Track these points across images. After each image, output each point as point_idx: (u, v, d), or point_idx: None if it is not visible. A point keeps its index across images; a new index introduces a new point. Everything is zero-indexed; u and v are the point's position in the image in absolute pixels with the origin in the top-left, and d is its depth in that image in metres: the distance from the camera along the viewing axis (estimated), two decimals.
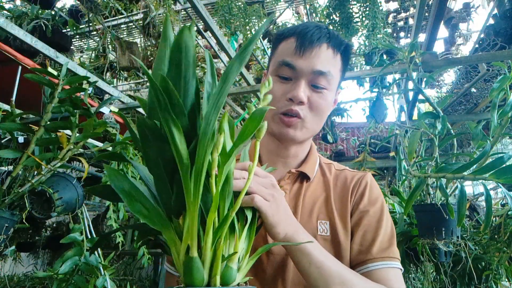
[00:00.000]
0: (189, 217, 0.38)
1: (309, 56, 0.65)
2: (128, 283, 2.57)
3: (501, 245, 1.51)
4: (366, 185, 0.73)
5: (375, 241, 0.66)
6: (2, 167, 1.55)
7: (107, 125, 1.41)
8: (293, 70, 0.66)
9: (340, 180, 0.75)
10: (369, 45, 3.14)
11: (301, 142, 0.73)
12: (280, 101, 0.67)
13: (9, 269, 3.96)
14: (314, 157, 0.78)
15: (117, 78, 4.28)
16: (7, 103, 1.97)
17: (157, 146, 0.39)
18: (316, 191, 0.73)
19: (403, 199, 1.81)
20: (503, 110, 1.22)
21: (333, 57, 0.67)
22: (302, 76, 0.66)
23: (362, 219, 0.69)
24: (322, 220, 0.69)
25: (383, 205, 0.72)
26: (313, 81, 0.66)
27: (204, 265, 0.38)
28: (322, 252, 0.56)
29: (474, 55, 2.50)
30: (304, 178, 0.74)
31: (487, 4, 3.51)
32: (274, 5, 4.25)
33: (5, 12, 3.32)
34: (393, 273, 0.64)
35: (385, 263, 0.64)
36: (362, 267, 0.65)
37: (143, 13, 3.37)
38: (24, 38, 1.91)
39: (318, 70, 0.65)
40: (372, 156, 3.65)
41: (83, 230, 1.56)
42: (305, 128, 0.69)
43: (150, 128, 0.38)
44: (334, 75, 0.68)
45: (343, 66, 0.71)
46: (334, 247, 0.67)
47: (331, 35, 0.67)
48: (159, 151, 0.39)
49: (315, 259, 0.54)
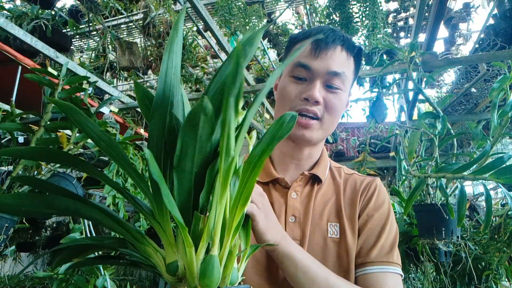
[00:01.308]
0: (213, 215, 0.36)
1: (324, 57, 0.66)
2: (128, 283, 2.57)
3: (501, 245, 1.51)
4: (374, 190, 0.74)
5: (376, 245, 0.66)
6: (2, 167, 1.55)
7: (107, 125, 1.41)
8: (308, 71, 0.67)
9: (350, 184, 0.76)
10: (369, 45, 3.14)
11: (316, 143, 0.74)
12: (294, 100, 0.68)
13: (9, 269, 3.96)
14: (326, 160, 0.79)
15: (117, 78, 4.28)
16: (7, 103, 1.97)
17: (200, 139, 0.35)
18: (327, 194, 0.74)
19: (403, 199, 1.81)
20: (503, 110, 1.22)
21: (347, 59, 0.69)
22: (317, 76, 0.67)
23: (367, 222, 0.70)
24: (332, 222, 0.70)
25: (389, 210, 0.73)
26: (328, 81, 0.67)
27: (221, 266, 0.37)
28: (308, 258, 0.58)
29: (474, 55, 2.50)
30: (315, 180, 0.75)
31: (487, 4, 3.51)
32: (274, 5, 4.25)
33: (5, 12, 3.32)
34: (391, 278, 0.64)
35: (383, 267, 0.64)
36: (360, 270, 0.65)
37: (143, 13, 3.37)
38: (24, 38, 1.92)
39: (333, 71, 0.66)
40: (372, 156, 3.65)
41: (83, 230, 1.56)
42: (321, 129, 0.70)
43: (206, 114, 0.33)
44: (348, 76, 0.69)
45: (355, 69, 0.72)
46: (344, 249, 0.67)
47: (345, 38, 0.69)
48: (197, 145, 0.36)
49: (301, 264, 0.56)
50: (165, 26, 3.37)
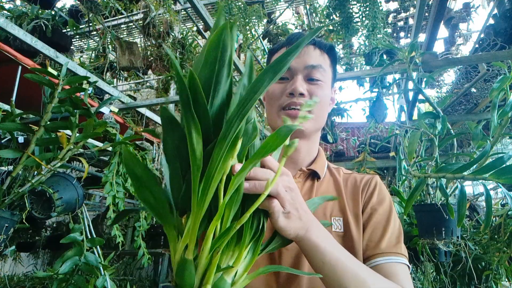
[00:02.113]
0: (191, 219, 0.37)
1: (300, 55, 0.73)
2: (128, 283, 2.57)
3: (501, 245, 1.51)
4: (375, 186, 0.76)
5: (384, 237, 0.67)
6: (2, 167, 1.55)
7: (107, 125, 1.41)
8: (289, 70, 0.73)
9: (350, 181, 0.79)
10: (369, 45, 3.14)
11: (309, 135, 0.76)
12: (281, 98, 0.72)
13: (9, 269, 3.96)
14: (323, 159, 0.81)
15: (117, 78, 4.28)
16: (7, 103, 1.97)
17: (177, 139, 0.37)
18: (328, 189, 0.76)
19: (403, 199, 1.81)
20: (503, 110, 1.22)
21: (321, 55, 0.75)
22: (297, 72, 0.73)
23: (371, 216, 0.71)
24: (335, 216, 0.71)
25: (391, 205, 0.75)
26: (308, 75, 0.73)
27: (197, 271, 0.37)
28: (336, 250, 0.54)
29: (474, 55, 2.50)
30: (314, 176, 0.77)
31: (487, 4, 3.51)
32: (274, 5, 4.25)
33: (5, 12, 3.32)
34: (401, 268, 0.64)
35: (394, 258, 0.64)
36: (371, 261, 0.65)
37: (143, 13, 3.37)
38: (24, 38, 1.91)
39: (311, 65, 0.73)
40: (372, 156, 3.65)
41: (83, 230, 1.56)
42: (312, 119, 0.73)
43: (170, 119, 0.36)
44: (325, 68, 0.74)
45: (332, 65, 0.78)
46: (348, 243, 0.67)
47: (315, 40, 0.76)
48: (178, 144, 0.38)
49: (329, 258, 0.52)
50: (165, 26, 3.37)
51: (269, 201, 0.46)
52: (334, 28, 3.29)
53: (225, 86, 0.38)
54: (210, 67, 0.36)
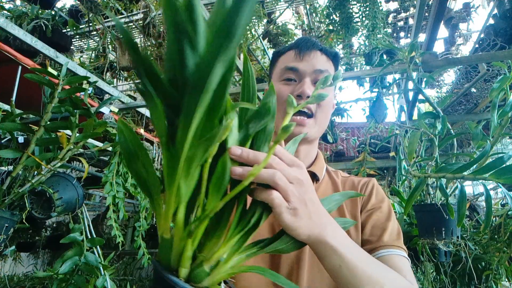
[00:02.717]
0: (167, 197, 0.34)
1: (308, 59, 0.74)
2: (128, 283, 2.57)
3: (501, 245, 1.51)
4: (373, 188, 0.78)
5: (385, 231, 0.68)
6: (2, 167, 1.55)
7: (107, 125, 1.41)
8: (297, 72, 0.74)
9: (348, 183, 0.81)
10: (369, 45, 3.14)
11: (312, 140, 0.77)
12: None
13: (9, 269, 3.96)
14: (322, 162, 0.83)
15: (117, 78, 4.28)
16: (7, 103, 1.97)
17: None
18: (326, 191, 0.78)
19: (403, 199, 1.81)
20: (503, 110, 1.22)
21: (327, 61, 0.77)
22: (305, 75, 0.73)
23: (371, 214, 0.72)
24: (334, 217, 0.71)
25: (390, 206, 0.76)
26: (315, 79, 0.73)
27: (172, 251, 0.36)
28: (354, 252, 0.49)
29: (474, 55, 2.50)
30: (313, 178, 0.78)
31: (487, 4, 3.51)
32: (274, 5, 4.25)
33: (5, 12, 3.32)
34: (405, 262, 0.65)
35: (396, 250, 0.65)
36: (374, 254, 0.65)
37: (143, 13, 3.37)
38: (24, 38, 1.91)
39: (319, 69, 0.73)
40: (372, 156, 3.65)
41: (83, 230, 1.56)
42: (316, 126, 0.74)
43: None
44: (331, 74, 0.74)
45: (335, 70, 0.79)
46: None
47: (322, 45, 0.78)
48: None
49: (347, 260, 0.47)
50: (165, 26, 3.37)
51: (268, 192, 0.40)
52: (334, 28, 3.29)
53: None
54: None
